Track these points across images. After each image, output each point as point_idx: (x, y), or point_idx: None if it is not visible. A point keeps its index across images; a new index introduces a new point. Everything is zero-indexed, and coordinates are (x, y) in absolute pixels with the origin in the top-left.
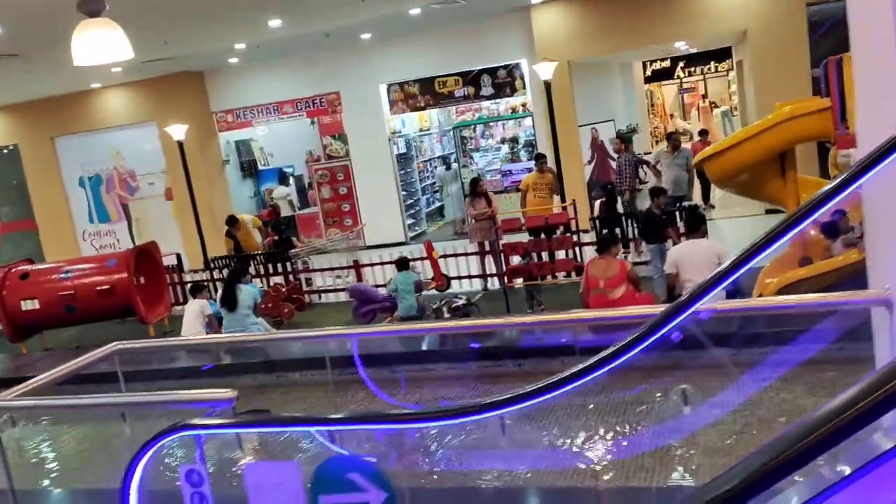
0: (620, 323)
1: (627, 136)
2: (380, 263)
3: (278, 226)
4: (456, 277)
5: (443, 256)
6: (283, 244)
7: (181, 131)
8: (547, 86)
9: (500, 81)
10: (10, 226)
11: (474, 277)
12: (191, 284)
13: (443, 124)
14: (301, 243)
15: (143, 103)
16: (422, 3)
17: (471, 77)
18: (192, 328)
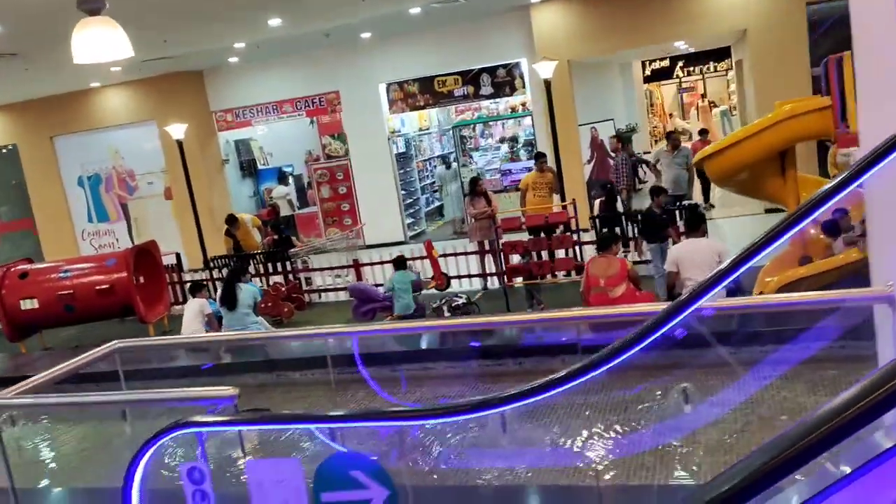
0: (621, 321)
1: (627, 136)
2: (379, 263)
3: (278, 225)
4: (456, 277)
5: (443, 255)
6: (283, 243)
7: (181, 130)
8: (547, 85)
9: (499, 81)
10: (8, 225)
11: (474, 277)
12: (190, 283)
13: (442, 124)
14: (300, 243)
15: (143, 103)
16: (422, 3)
17: (470, 76)
18: (192, 327)
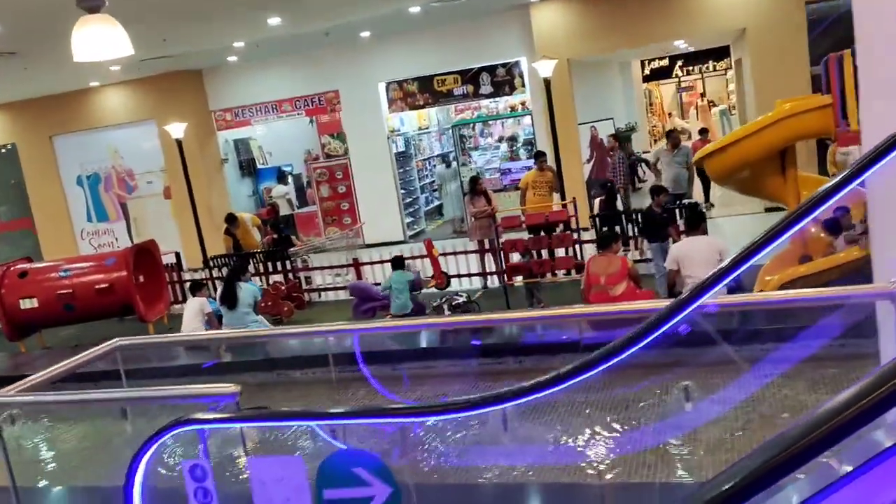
0: (622, 318)
1: (626, 135)
2: (379, 262)
3: (277, 224)
4: (455, 276)
5: (443, 255)
6: (283, 242)
7: (180, 129)
8: (547, 83)
9: (499, 80)
10: (8, 225)
11: (474, 276)
12: (190, 282)
13: (441, 123)
14: (300, 242)
15: (142, 102)
16: (421, 1)
17: (470, 75)
18: (192, 326)
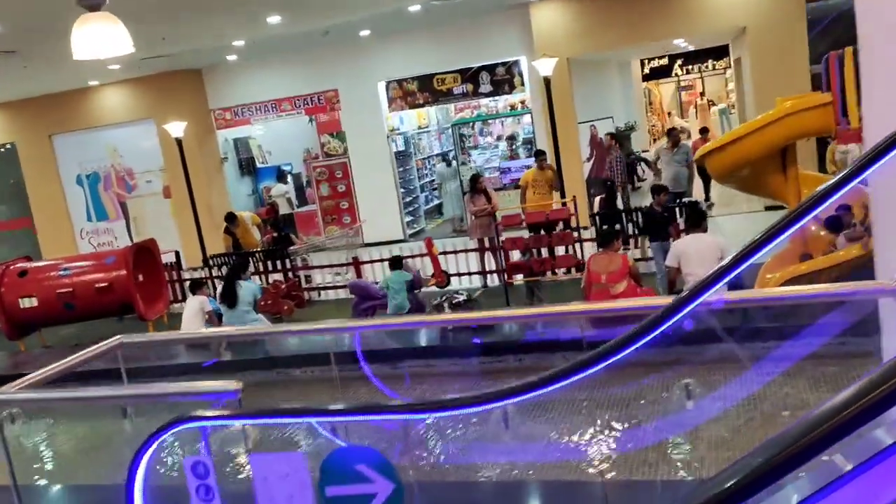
0: (622, 315)
1: (625, 134)
2: (379, 260)
3: (277, 223)
4: (456, 274)
5: (442, 253)
6: (282, 241)
7: (180, 128)
8: (547, 82)
9: (498, 78)
10: (7, 224)
11: (474, 274)
12: (190, 281)
13: (441, 122)
14: (300, 240)
15: (141, 101)
16: (421, 0)
17: (469, 74)
18: (192, 325)
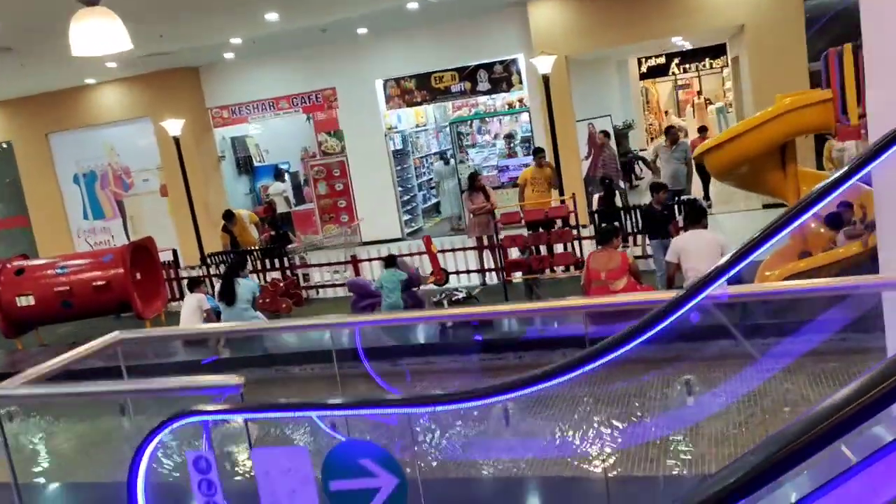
0: (622, 312)
1: (623, 132)
2: (377, 258)
3: (275, 222)
4: (454, 272)
5: (441, 251)
6: (280, 239)
7: (177, 126)
8: (545, 80)
9: (496, 77)
10: (4, 223)
11: (472, 272)
12: (187, 279)
13: (439, 120)
14: (297, 239)
15: (138, 99)
16: None
17: (467, 72)
18: (190, 323)
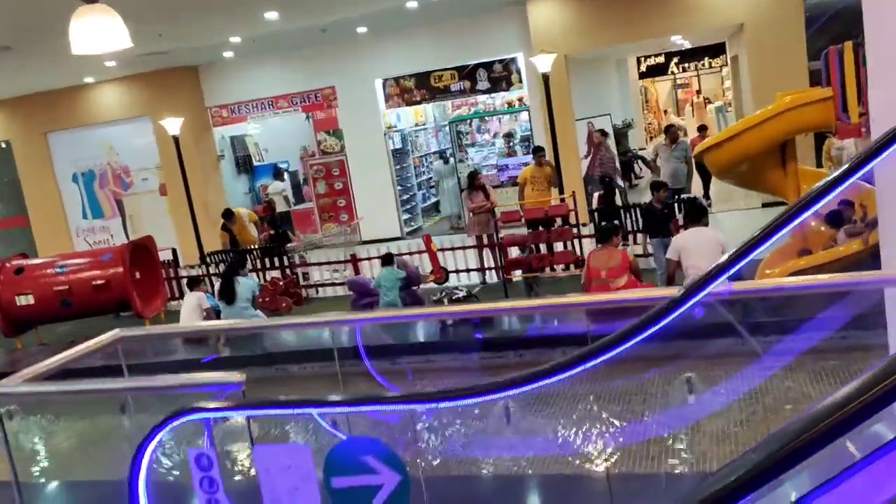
0: (623, 308)
1: (622, 131)
2: (377, 257)
3: (274, 221)
4: (454, 271)
5: (441, 250)
6: (280, 238)
7: (176, 125)
8: (545, 78)
9: (496, 76)
10: (2, 223)
11: (472, 271)
12: (187, 278)
13: (438, 119)
14: (297, 238)
15: (137, 98)
16: None
17: (467, 71)
18: (190, 321)
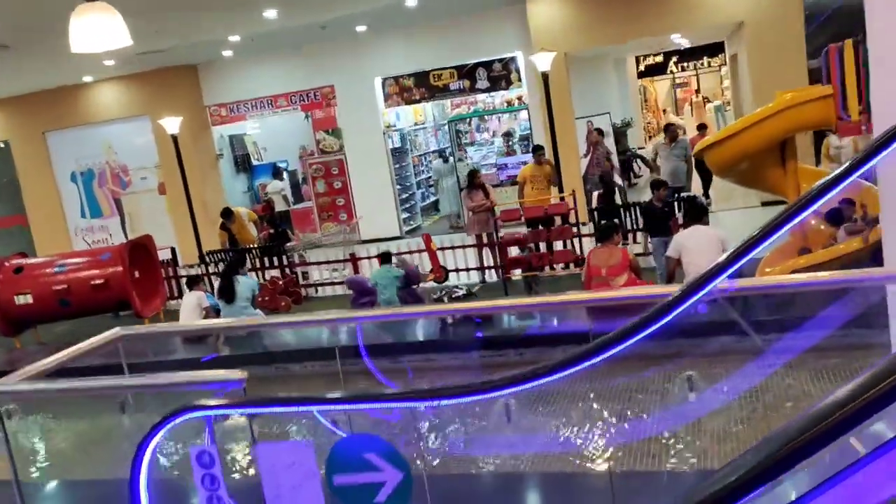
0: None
1: (621, 130)
2: (377, 257)
3: (273, 220)
4: (454, 270)
5: (440, 249)
6: (279, 237)
7: (175, 124)
8: (544, 77)
9: (495, 75)
10: (1, 222)
11: (472, 270)
12: (186, 277)
13: (437, 118)
14: (296, 237)
15: (136, 97)
16: None
17: (466, 70)
18: (190, 321)
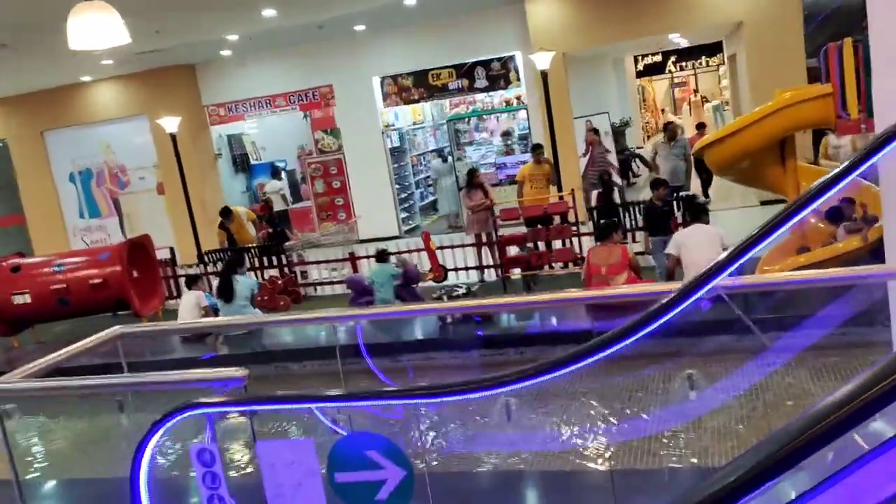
0: (623, 303)
1: (620, 130)
2: (376, 256)
3: (272, 220)
4: (453, 269)
5: (440, 248)
6: (278, 237)
7: (174, 123)
8: (543, 76)
9: (494, 74)
10: None
11: (471, 269)
12: (185, 276)
13: (436, 118)
14: (294, 236)
15: (134, 97)
16: None
17: (465, 70)
18: (188, 320)
